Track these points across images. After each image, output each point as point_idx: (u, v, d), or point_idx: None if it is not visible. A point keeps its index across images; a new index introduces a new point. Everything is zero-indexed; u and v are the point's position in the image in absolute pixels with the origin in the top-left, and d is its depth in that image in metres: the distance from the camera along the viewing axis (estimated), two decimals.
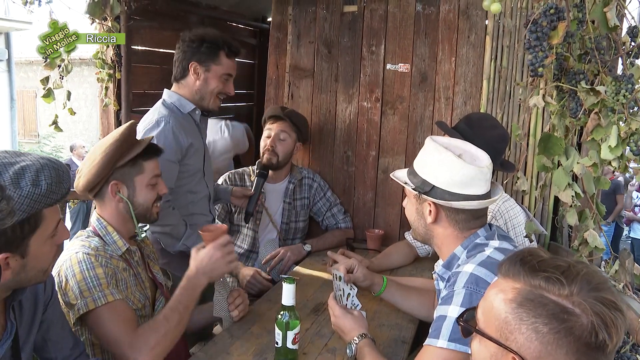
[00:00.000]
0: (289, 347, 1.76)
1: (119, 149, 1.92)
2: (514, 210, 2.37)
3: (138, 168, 1.99)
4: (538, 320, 0.95)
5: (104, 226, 1.98)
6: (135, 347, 1.73)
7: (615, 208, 8.42)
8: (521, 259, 1.03)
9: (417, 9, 3.21)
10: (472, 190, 1.60)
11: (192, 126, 2.61)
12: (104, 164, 1.91)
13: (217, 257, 1.91)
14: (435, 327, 1.52)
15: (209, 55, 2.53)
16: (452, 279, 1.58)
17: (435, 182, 1.62)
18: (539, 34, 1.51)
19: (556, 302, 0.95)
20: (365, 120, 3.38)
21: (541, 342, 0.95)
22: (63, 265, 1.83)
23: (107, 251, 1.92)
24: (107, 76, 3.32)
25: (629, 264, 1.64)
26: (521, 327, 0.97)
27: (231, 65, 2.60)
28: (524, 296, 0.98)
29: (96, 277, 1.79)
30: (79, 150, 9.55)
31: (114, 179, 1.96)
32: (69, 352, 1.69)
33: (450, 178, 1.60)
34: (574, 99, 1.68)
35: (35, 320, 1.58)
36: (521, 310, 0.97)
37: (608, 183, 1.72)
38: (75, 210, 8.32)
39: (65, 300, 1.79)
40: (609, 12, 1.37)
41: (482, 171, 1.61)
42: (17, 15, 12.08)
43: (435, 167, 1.63)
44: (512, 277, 1.02)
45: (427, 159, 1.68)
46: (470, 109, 3.11)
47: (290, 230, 3.24)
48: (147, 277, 2.09)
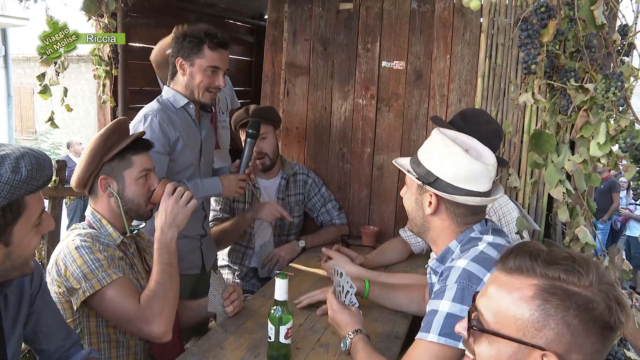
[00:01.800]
0: (282, 342, 1.77)
1: (105, 143, 1.94)
2: (507, 206, 2.38)
3: (126, 162, 1.99)
4: (568, 313, 0.95)
5: (98, 219, 1.99)
6: (145, 319, 1.78)
7: (611, 206, 8.44)
8: (529, 254, 1.02)
9: (412, 7, 3.23)
10: (475, 186, 1.61)
11: (185, 121, 2.60)
12: (90, 159, 1.93)
13: (171, 204, 1.95)
14: (427, 322, 1.53)
15: (192, 49, 2.51)
16: (444, 273, 1.59)
17: (440, 174, 1.62)
18: (529, 32, 1.52)
19: (580, 293, 0.95)
20: (361, 118, 3.39)
21: (572, 334, 0.95)
22: (60, 253, 1.85)
23: (103, 242, 1.93)
24: (104, 73, 3.33)
25: (618, 260, 1.66)
26: (550, 323, 0.96)
27: (216, 57, 2.55)
28: (547, 291, 0.97)
29: (97, 259, 1.81)
30: (76, 147, 9.54)
31: (103, 174, 1.96)
32: (62, 343, 1.71)
33: (456, 172, 1.60)
34: (565, 96, 1.70)
35: (20, 313, 1.59)
36: (548, 305, 0.96)
37: (598, 180, 1.74)
38: (72, 206, 8.31)
39: (68, 287, 1.81)
40: (595, 10, 1.38)
41: (487, 168, 1.61)
42: (13, 12, 12.05)
43: (442, 159, 1.63)
44: (526, 273, 1.00)
45: (434, 151, 1.67)
46: (465, 106, 3.13)
47: (284, 227, 3.26)
48: (142, 269, 2.10)
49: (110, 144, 1.96)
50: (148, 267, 2.13)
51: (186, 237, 2.56)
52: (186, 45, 2.51)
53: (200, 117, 2.72)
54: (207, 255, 2.79)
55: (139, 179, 2.01)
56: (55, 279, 1.85)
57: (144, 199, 2.03)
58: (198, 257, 2.73)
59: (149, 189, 2.04)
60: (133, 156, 2.00)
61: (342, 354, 1.85)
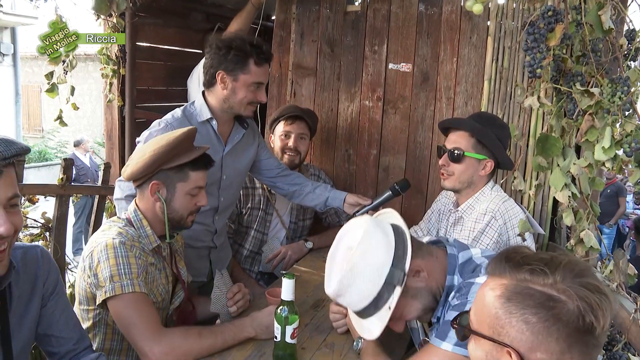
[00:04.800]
0: (288, 342, 1.78)
1: (169, 153, 1.93)
2: (513, 210, 2.38)
3: (183, 175, 1.99)
4: (527, 311, 0.98)
5: (139, 219, 2.00)
6: (157, 339, 1.77)
7: (617, 211, 8.42)
8: (506, 257, 1.06)
9: (419, 9, 3.23)
10: (391, 237, 1.57)
11: (205, 136, 2.45)
12: (150, 163, 1.93)
13: (271, 321, 1.88)
14: (443, 330, 1.53)
15: (237, 64, 2.35)
16: (463, 289, 1.57)
17: (385, 275, 1.53)
18: (536, 36, 1.53)
19: (542, 292, 0.98)
20: (367, 119, 3.40)
21: (532, 332, 0.97)
22: (97, 247, 1.86)
23: (141, 243, 1.95)
24: (112, 72, 3.36)
25: (622, 264, 1.66)
26: (512, 321, 0.99)
27: (261, 72, 2.40)
28: (511, 290, 1.01)
29: (129, 265, 1.83)
30: (86, 145, 9.59)
31: (157, 179, 1.97)
32: (73, 347, 1.72)
33: (380, 258, 1.54)
34: (571, 100, 1.70)
35: (30, 310, 1.60)
36: (510, 304, 1.00)
37: (602, 184, 1.75)
38: (80, 205, 8.35)
39: (94, 282, 1.84)
40: (603, 15, 1.39)
41: (368, 235, 1.56)
42: (23, 10, 12.14)
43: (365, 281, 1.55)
44: (499, 275, 1.05)
45: (358, 293, 1.57)
46: (471, 109, 3.13)
47: (297, 229, 3.26)
48: (171, 273, 2.12)
49: (175, 154, 1.95)
50: (177, 270, 2.15)
51: (194, 248, 2.56)
52: (231, 58, 2.34)
53: (231, 129, 2.59)
54: (216, 264, 2.69)
55: (189, 194, 2.02)
56: (86, 269, 1.88)
57: (187, 213, 2.04)
58: (205, 265, 2.69)
59: (195, 204, 2.05)
60: (191, 172, 2.00)
61: (349, 354, 1.86)
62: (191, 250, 2.52)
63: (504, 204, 2.34)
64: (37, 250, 1.65)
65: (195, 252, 2.59)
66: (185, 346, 1.80)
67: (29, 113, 16.46)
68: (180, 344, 1.80)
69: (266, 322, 1.94)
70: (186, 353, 1.79)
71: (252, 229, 3.13)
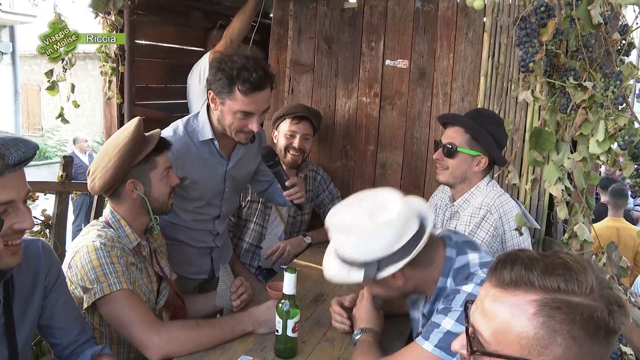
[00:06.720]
0: (289, 335, 1.81)
1: (132, 149, 1.95)
2: (508, 204, 2.40)
3: (151, 164, 2.03)
4: (574, 326, 0.91)
5: (117, 220, 2.02)
6: (155, 331, 1.80)
7: None
8: (524, 265, 0.97)
9: (416, 6, 3.25)
10: (407, 235, 1.55)
11: (206, 155, 2.38)
12: (120, 166, 1.94)
13: (272, 314, 1.91)
14: (428, 330, 1.56)
15: (224, 88, 2.17)
16: (450, 295, 1.58)
17: (374, 256, 1.54)
18: (528, 31, 1.55)
19: (583, 304, 0.92)
20: (364, 115, 3.42)
21: (579, 346, 0.92)
22: (80, 251, 1.88)
23: (121, 243, 1.97)
24: (111, 70, 3.36)
25: (615, 257, 1.68)
26: (557, 339, 0.92)
27: (248, 102, 2.17)
28: (550, 306, 0.93)
29: (112, 264, 1.86)
30: (82, 143, 9.59)
31: (130, 178, 1.99)
32: (75, 338, 1.75)
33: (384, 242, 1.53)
34: (565, 94, 1.72)
35: (32, 302, 1.63)
36: (552, 321, 0.92)
37: (597, 178, 1.76)
38: (78, 202, 8.37)
39: (82, 286, 1.85)
40: (592, 10, 1.41)
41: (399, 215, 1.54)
42: (21, 9, 12.13)
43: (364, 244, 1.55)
44: (524, 287, 0.96)
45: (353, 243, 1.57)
46: (468, 105, 3.15)
47: (296, 224, 3.28)
48: (153, 272, 2.14)
49: (136, 149, 1.97)
50: (160, 267, 2.17)
51: (194, 247, 2.57)
52: (219, 80, 2.18)
53: (234, 144, 2.45)
54: (217, 262, 2.67)
55: (163, 178, 2.05)
56: (70, 275, 1.89)
57: (167, 196, 2.08)
58: (207, 263, 2.68)
59: (170, 185, 2.09)
60: (156, 157, 2.04)
61: (349, 348, 1.89)
62: (192, 248, 2.55)
63: (499, 198, 2.36)
64: (38, 243, 1.68)
65: (197, 251, 2.60)
66: (184, 335, 1.83)
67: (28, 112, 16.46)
68: (179, 334, 1.83)
69: (264, 317, 1.96)
70: (186, 342, 1.82)
71: (251, 222, 3.15)
